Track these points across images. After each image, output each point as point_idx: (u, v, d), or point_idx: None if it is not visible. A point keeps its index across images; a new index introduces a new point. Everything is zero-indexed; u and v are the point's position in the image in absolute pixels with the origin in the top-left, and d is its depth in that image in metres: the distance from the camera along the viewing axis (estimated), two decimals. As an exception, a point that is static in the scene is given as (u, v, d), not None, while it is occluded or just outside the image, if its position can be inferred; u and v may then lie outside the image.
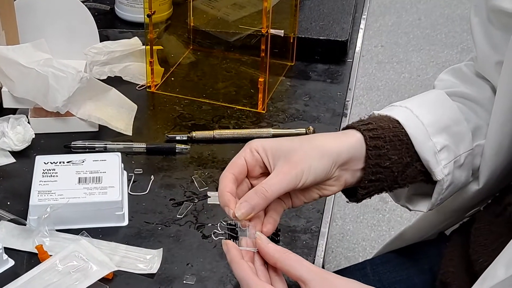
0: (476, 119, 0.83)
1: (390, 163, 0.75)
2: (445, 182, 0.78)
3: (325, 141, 0.73)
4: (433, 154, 0.76)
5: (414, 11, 3.00)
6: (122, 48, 1.09)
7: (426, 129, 0.76)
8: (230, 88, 1.11)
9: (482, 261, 0.80)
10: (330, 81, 1.14)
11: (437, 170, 0.77)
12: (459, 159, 0.79)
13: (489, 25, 0.80)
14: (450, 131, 0.78)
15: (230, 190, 0.70)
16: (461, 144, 0.79)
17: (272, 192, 0.69)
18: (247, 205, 0.68)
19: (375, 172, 0.74)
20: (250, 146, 0.72)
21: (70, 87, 0.95)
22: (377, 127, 0.75)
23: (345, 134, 0.75)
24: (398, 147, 0.75)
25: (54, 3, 1.06)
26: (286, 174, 0.69)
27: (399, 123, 0.76)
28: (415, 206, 0.83)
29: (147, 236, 0.84)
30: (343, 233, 2.01)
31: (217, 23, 1.17)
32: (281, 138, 0.74)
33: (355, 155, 0.73)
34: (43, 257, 0.78)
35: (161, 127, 1.02)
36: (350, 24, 1.21)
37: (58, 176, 0.86)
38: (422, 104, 0.80)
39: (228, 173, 0.71)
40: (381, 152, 0.74)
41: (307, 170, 0.70)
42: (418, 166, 0.77)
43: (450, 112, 0.80)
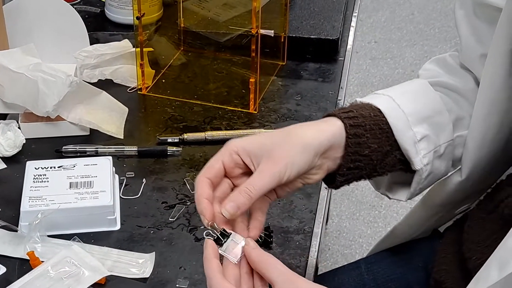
0: (458, 110, 0.83)
1: (370, 151, 0.74)
2: (424, 171, 0.78)
3: (306, 132, 0.72)
4: (413, 144, 0.76)
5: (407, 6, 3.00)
6: (112, 50, 1.08)
7: (407, 119, 0.76)
8: (221, 89, 1.11)
9: (475, 259, 0.79)
10: (321, 80, 1.14)
11: (416, 159, 0.77)
12: (439, 149, 0.79)
13: (474, 18, 0.80)
14: (431, 121, 0.78)
15: (207, 196, 0.69)
16: (442, 134, 0.79)
17: (256, 192, 0.68)
18: (232, 205, 0.68)
19: (354, 160, 0.74)
20: (229, 148, 0.71)
21: (60, 91, 0.95)
22: (357, 115, 0.74)
23: (325, 122, 0.74)
24: (378, 135, 0.75)
25: (43, 6, 1.06)
26: (269, 172, 0.69)
27: (381, 112, 0.76)
28: (394, 194, 0.83)
29: (139, 240, 0.84)
30: (339, 230, 2.01)
31: (208, 24, 1.17)
32: (260, 135, 0.73)
33: (336, 143, 0.73)
34: (34, 263, 0.78)
35: (152, 129, 1.02)
36: (341, 22, 1.20)
37: (49, 182, 0.86)
38: (404, 93, 0.80)
39: (203, 177, 0.70)
40: (361, 140, 0.74)
41: (290, 165, 0.69)
42: (397, 155, 0.77)
43: (432, 102, 0.80)
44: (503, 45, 0.73)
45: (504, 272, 0.63)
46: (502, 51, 0.73)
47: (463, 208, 0.91)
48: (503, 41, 0.73)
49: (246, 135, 0.99)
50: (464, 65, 0.86)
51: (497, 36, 0.74)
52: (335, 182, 0.76)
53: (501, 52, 0.73)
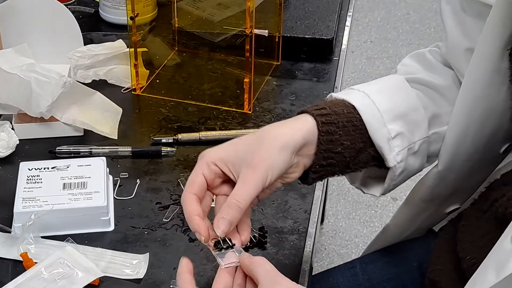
0: (434, 107, 0.83)
1: (342, 148, 0.74)
2: (397, 168, 0.78)
3: (280, 133, 0.72)
4: (387, 141, 0.76)
5: (402, 6, 3.00)
6: (106, 51, 1.08)
7: (381, 116, 0.76)
8: (215, 89, 1.10)
9: (470, 258, 0.79)
10: (316, 80, 1.14)
11: (390, 157, 0.77)
12: (413, 146, 0.79)
13: (461, 12, 0.80)
14: (406, 119, 0.78)
15: (198, 213, 0.69)
16: (417, 131, 0.79)
17: (245, 202, 0.68)
18: (224, 221, 0.68)
19: (326, 157, 0.74)
20: (205, 159, 0.71)
21: (54, 92, 0.94)
22: (330, 112, 0.74)
23: (298, 120, 0.74)
24: (352, 132, 0.75)
25: (37, 7, 1.06)
26: (253, 180, 0.69)
27: (355, 109, 0.76)
28: (369, 189, 0.83)
29: (133, 241, 0.83)
30: (335, 230, 2.01)
31: (202, 24, 1.17)
32: (233, 142, 0.72)
33: (309, 140, 0.73)
34: (28, 264, 0.78)
35: (146, 130, 1.02)
36: (335, 22, 1.20)
37: (42, 182, 0.86)
38: (380, 89, 0.79)
39: (189, 194, 0.70)
40: (333, 137, 0.74)
41: (271, 169, 0.69)
42: (371, 152, 0.76)
43: (408, 99, 0.80)
44: (493, 43, 0.73)
45: (501, 275, 0.62)
46: (492, 48, 0.73)
47: (453, 207, 0.91)
48: (494, 39, 0.72)
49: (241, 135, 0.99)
50: (444, 61, 0.86)
51: (487, 33, 0.73)
52: (307, 178, 0.76)
53: (490, 49, 0.73)
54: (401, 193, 2.01)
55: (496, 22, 0.72)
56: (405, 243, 0.98)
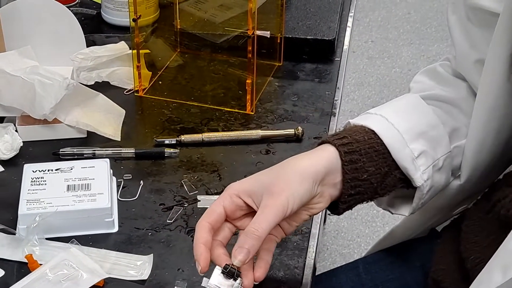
0: (452, 121, 0.83)
1: (368, 175, 0.74)
2: (425, 187, 0.78)
3: (301, 162, 0.72)
4: (411, 161, 0.76)
5: (403, 6, 3.00)
6: (109, 53, 1.08)
7: (402, 137, 0.76)
8: (218, 90, 1.11)
9: (473, 258, 0.80)
10: (318, 81, 1.14)
11: (416, 176, 0.76)
12: (437, 163, 0.79)
13: (467, 23, 0.80)
14: (426, 136, 0.78)
15: (205, 242, 0.69)
16: (439, 148, 0.79)
17: (263, 230, 0.67)
18: (242, 250, 0.67)
19: (353, 186, 0.74)
20: (229, 191, 0.71)
21: (57, 94, 0.95)
22: (352, 141, 0.74)
23: (319, 149, 0.74)
24: (375, 158, 0.74)
25: (39, 9, 1.06)
26: (272, 208, 0.68)
27: (375, 133, 0.76)
28: (397, 210, 0.83)
29: (137, 242, 0.84)
30: (337, 230, 2.01)
31: (204, 25, 1.17)
32: (257, 173, 0.73)
33: (332, 168, 0.73)
34: (33, 266, 0.78)
35: (149, 131, 1.02)
36: (337, 23, 1.20)
37: (46, 184, 0.86)
38: (397, 111, 0.79)
39: (204, 222, 0.70)
40: (358, 165, 0.73)
41: (291, 197, 0.69)
42: (397, 174, 0.76)
43: (426, 117, 0.80)
44: (502, 50, 0.73)
45: (508, 275, 0.63)
46: (501, 56, 0.73)
47: (461, 209, 0.91)
48: (502, 47, 0.73)
49: (244, 136, 1.00)
50: (456, 73, 0.86)
51: (495, 41, 0.73)
52: (338, 209, 0.76)
53: (500, 57, 0.73)
54: (403, 193, 2.01)
55: (504, 30, 0.72)
56: (408, 243, 0.98)
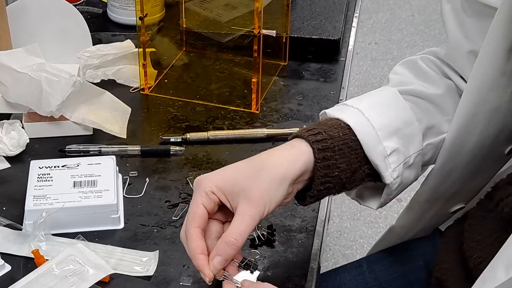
0: (428, 119, 0.82)
1: (339, 172, 0.74)
2: (394, 184, 0.78)
3: (279, 166, 0.71)
4: (383, 159, 0.76)
5: (407, 8, 3.01)
6: (115, 51, 1.09)
7: (377, 134, 0.75)
8: (223, 89, 1.11)
9: (476, 257, 0.80)
10: (323, 80, 1.14)
11: (387, 174, 0.76)
12: (408, 160, 0.79)
13: (462, 13, 0.79)
14: (400, 134, 0.78)
15: (202, 251, 0.69)
16: (411, 145, 0.79)
17: (242, 239, 0.69)
18: (220, 259, 0.68)
19: (324, 182, 0.74)
20: (202, 188, 0.71)
21: (64, 91, 0.95)
22: (326, 137, 0.74)
23: (294, 148, 0.74)
24: (347, 154, 0.74)
25: (46, 7, 1.07)
26: (250, 215, 0.69)
27: (349, 128, 0.75)
28: (365, 202, 0.83)
29: (143, 238, 0.84)
30: (340, 230, 2.01)
31: (210, 24, 1.17)
32: (230, 169, 0.72)
33: (306, 169, 0.73)
34: (39, 261, 0.79)
35: (155, 129, 1.02)
36: (342, 23, 1.21)
37: (53, 181, 0.86)
38: (374, 105, 0.79)
39: (193, 228, 0.70)
40: (330, 162, 0.73)
41: (269, 203, 0.70)
42: (366, 170, 0.76)
43: (402, 113, 0.79)
44: (498, 44, 0.73)
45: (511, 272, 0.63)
46: (496, 50, 0.73)
47: (458, 206, 0.91)
48: (499, 41, 0.73)
49: (249, 135, 1.01)
50: (438, 68, 0.86)
51: (491, 35, 0.73)
52: (305, 201, 0.76)
53: (495, 51, 0.73)
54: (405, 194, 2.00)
55: (501, 24, 0.72)
56: (411, 242, 0.99)
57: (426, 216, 0.94)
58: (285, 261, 0.82)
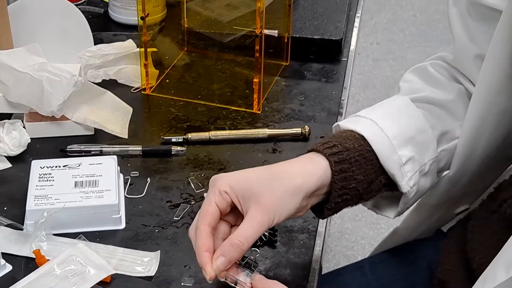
0: (441, 125, 0.82)
1: (356, 183, 0.74)
2: (411, 193, 0.78)
3: (294, 178, 0.71)
4: (399, 168, 0.76)
5: (409, 8, 3.01)
6: (116, 51, 1.09)
7: (391, 143, 0.75)
8: (225, 89, 1.11)
9: (479, 258, 0.80)
10: (325, 80, 1.14)
11: (403, 182, 0.76)
12: (424, 168, 0.79)
13: (468, 17, 0.80)
14: (415, 142, 0.78)
15: (208, 249, 0.69)
16: (426, 153, 0.79)
17: (248, 244, 0.68)
18: (224, 260, 0.68)
19: (341, 194, 0.74)
20: (217, 187, 0.70)
21: (65, 91, 0.95)
22: (342, 150, 0.74)
23: (311, 162, 0.73)
24: (364, 165, 0.74)
25: (47, 6, 1.06)
26: (259, 221, 0.68)
27: (364, 139, 0.75)
28: (382, 211, 0.83)
29: (144, 238, 0.84)
30: (341, 231, 2.01)
31: (211, 24, 1.17)
32: (247, 172, 0.72)
33: (322, 184, 0.73)
34: (40, 261, 0.78)
35: (156, 129, 1.02)
36: (344, 23, 1.21)
37: (54, 180, 0.86)
38: (387, 114, 0.79)
39: (204, 225, 0.69)
40: (347, 174, 0.73)
41: (279, 213, 0.69)
42: (382, 180, 0.76)
43: (415, 121, 0.79)
44: (504, 47, 0.73)
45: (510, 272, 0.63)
46: (502, 53, 0.73)
47: (463, 207, 0.91)
48: (504, 44, 0.73)
49: (250, 135, 1.00)
50: (448, 74, 0.86)
51: (497, 38, 0.73)
52: (322, 214, 0.76)
53: (501, 54, 0.73)
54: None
55: (506, 27, 0.72)
56: (414, 243, 0.98)
57: (432, 218, 0.94)
58: (286, 262, 0.82)
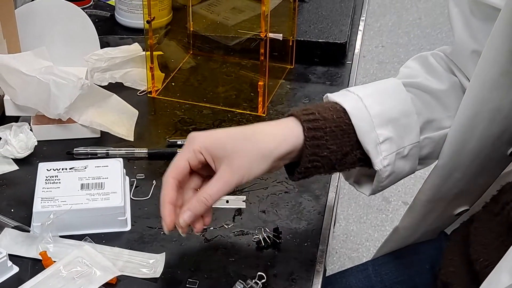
0: (428, 113, 0.83)
1: (328, 153, 0.76)
2: (384, 172, 0.79)
3: (267, 142, 0.74)
4: (375, 145, 0.77)
5: (414, 11, 3.01)
6: (122, 54, 1.10)
7: (371, 120, 0.77)
8: (230, 92, 1.12)
9: (482, 261, 0.80)
10: (329, 83, 1.15)
11: (377, 160, 0.78)
12: (402, 150, 0.80)
13: (470, 16, 0.80)
14: (396, 123, 0.79)
15: (171, 200, 0.74)
16: (407, 136, 0.80)
17: (213, 200, 0.74)
18: (190, 214, 0.73)
19: (311, 160, 0.76)
20: (193, 147, 0.74)
21: (72, 94, 0.96)
22: (319, 118, 0.76)
23: (286, 126, 0.76)
24: (339, 137, 0.76)
25: (54, 10, 1.07)
26: (227, 181, 0.73)
27: (345, 112, 0.77)
28: (360, 187, 0.85)
29: (149, 240, 0.85)
30: (346, 233, 2.01)
31: (217, 28, 1.18)
32: (223, 133, 0.76)
33: (294, 149, 0.75)
34: (47, 263, 0.79)
35: (162, 132, 1.03)
36: (349, 26, 1.21)
37: (61, 183, 0.87)
38: (375, 93, 0.80)
39: (171, 178, 0.74)
40: (320, 142, 0.75)
41: (248, 174, 0.73)
42: (357, 154, 0.78)
43: (402, 104, 0.81)
44: (501, 44, 0.73)
45: None
46: (499, 50, 0.73)
47: (462, 208, 0.91)
48: (502, 41, 0.73)
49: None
50: (446, 66, 0.86)
51: (494, 35, 0.74)
52: (293, 176, 0.78)
53: (498, 51, 0.74)
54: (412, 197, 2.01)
55: (504, 25, 0.72)
56: (417, 245, 0.99)
57: (429, 217, 0.94)
58: (290, 264, 0.82)
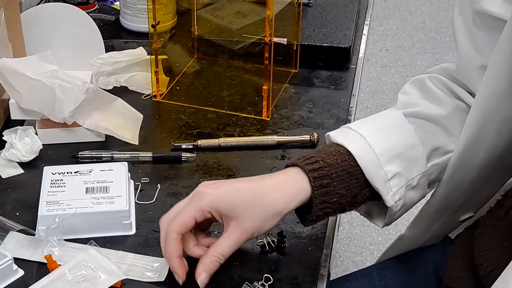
0: (433, 141, 0.83)
1: (338, 197, 0.76)
2: (395, 207, 0.79)
3: (277, 201, 0.75)
4: (384, 182, 0.77)
5: (418, 14, 3.01)
6: (127, 58, 1.10)
7: (378, 158, 0.77)
8: (234, 96, 1.12)
9: (486, 266, 0.80)
10: (333, 88, 1.15)
11: (387, 197, 0.78)
12: (411, 182, 0.80)
13: (473, 27, 0.80)
14: (403, 157, 0.79)
15: (178, 255, 0.76)
16: (415, 168, 0.80)
17: (225, 258, 0.75)
18: (206, 275, 0.75)
19: (322, 208, 0.76)
20: (201, 205, 0.75)
21: (77, 98, 0.96)
22: (323, 165, 0.76)
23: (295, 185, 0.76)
24: (347, 180, 0.76)
25: (59, 14, 1.08)
26: (237, 242, 0.75)
27: (350, 154, 0.77)
28: (372, 219, 0.85)
29: (154, 244, 0.85)
30: (350, 237, 2.01)
31: (221, 32, 1.18)
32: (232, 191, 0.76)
33: (303, 202, 0.76)
34: (52, 266, 0.79)
35: (167, 136, 1.03)
36: (353, 31, 1.21)
37: (66, 186, 0.87)
38: (377, 130, 0.80)
39: (176, 234, 0.75)
40: (328, 189, 0.75)
41: (257, 231, 0.75)
42: (367, 193, 0.78)
43: (406, 137, 0.80)
44: (508, 55, 0.73)
45: None
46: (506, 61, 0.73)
47: (467, 215, 0.91)
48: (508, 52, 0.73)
49: (259, 142, 1.01)
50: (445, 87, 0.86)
51: (501, 46, 0.74)
52: (305, 222, 0.79)
53: (505, 62, 0.73)
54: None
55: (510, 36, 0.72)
56: (421, 249, 0.99)
57: (435, 225, 0.94)
58: (295, 268, 0.82)
